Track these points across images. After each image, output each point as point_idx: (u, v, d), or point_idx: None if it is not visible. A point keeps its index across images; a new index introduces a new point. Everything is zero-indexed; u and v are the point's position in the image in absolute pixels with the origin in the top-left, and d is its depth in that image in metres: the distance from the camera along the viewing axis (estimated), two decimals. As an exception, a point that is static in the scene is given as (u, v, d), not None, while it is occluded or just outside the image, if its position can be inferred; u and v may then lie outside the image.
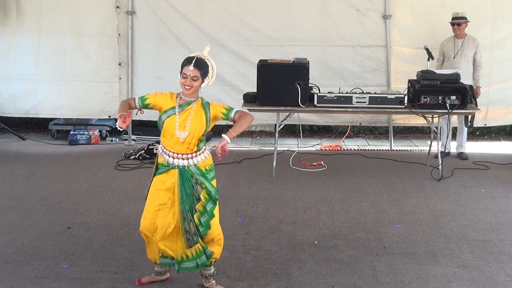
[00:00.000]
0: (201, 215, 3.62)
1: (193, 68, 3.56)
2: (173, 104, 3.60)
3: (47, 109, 7.96)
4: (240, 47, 7.69)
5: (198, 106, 3.64)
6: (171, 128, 3.57)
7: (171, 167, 3.62)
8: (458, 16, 6.87)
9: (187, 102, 3.62)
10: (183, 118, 3.57)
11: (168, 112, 3.59)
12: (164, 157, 3.64)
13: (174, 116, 3.57)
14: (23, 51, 7.83)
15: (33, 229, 4.79)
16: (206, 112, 3.64)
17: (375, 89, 6.77)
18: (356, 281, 3.95)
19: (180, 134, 3.57)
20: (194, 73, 3.56)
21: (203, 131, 3.63)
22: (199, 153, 3.67)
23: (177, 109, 3.59)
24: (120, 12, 7.72)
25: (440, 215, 5.19)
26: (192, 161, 3.63)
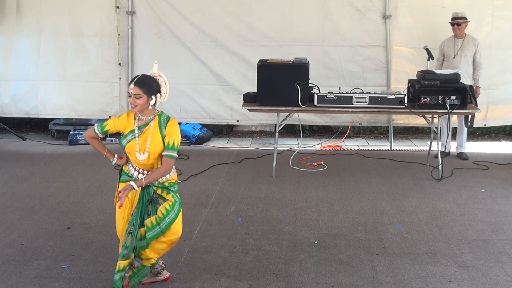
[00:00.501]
0: (148, 231, 3.61)
1: (134, 86, 3.55)
2: (131, 126, 3.62)
3: (48, 109, 7.96)
4: (240, 47, 7.69)
5: (155, 125, 3.62)
6: (133, 151, 3.61)
7: (133, 179, 3.64)
8: (458, 16, 6.88)
9: (145, 123, 3.63)
10: (143, 140, 3.59)
11: (128, 136, 3.62)
12: (130, 169, 3.69)
13: (134, 140, 3.60)
14: (24, 51, 7.84)
15: (33, 229, 4.79)
16: (161, 131, 3.62)
17: (375, 89, 6.77)
18: (356, 281, 3.95)
19: (139, 156, 3.59)
20: (135, 91, 3.54)
21: (161, 150, 3.61)
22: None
23: (136, 132, 3.61)
24: (120, 12, 7.72)
25: (440, 215, 5.20)
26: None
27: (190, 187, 5.94)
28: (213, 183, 6.10)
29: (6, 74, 7.89)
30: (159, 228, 3.62)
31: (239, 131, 8.76)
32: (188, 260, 4.24)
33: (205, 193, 5.75)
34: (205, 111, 7.85)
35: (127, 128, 3.63)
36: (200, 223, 4.97)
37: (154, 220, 3.63)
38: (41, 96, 7.90)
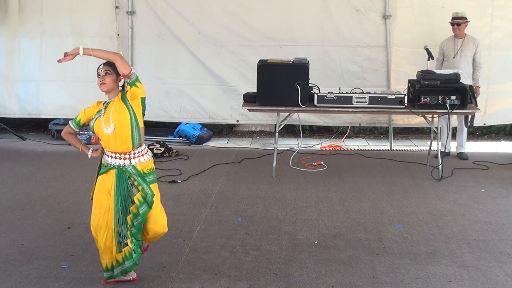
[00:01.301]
0: (134, 218, 3.67)
1: (103, 66, 3.65)
2: (100, 107, 3.70)
3: (50, 109, 7.99)
4: (240, 47, 7.69)
5: (118, 99, 3.68)
6: (100, 129, 3.65)
7: (110, 167, 3.69)
8: (458, 16, 6.88)
9: (110, 101, 3.69)
10: (107, 115, 3.65)
11: (94, 117, 3.69)
12: (104, 157, 3.73)
13: (100, 118, 3.66)
14: (27, 52, 7.85)
15: (33, 229, 4.79)
16: (125, 100, 3.66)
17: (375, 89, 6.75)
18: (356, 281, 3.95)
19: (107, 130, 3.63)
20: (105, 69, 3.63)
21: (128, 121, 3.62)
22: (138, 154, 3.71)
23: (102, 111, 3.67)
24: (120, 12, 7.73)
25: (440, 215, 5.19)
26: (130, 161, 3.68)
27: (190, 187, 5.94)
28: (213, 183, 6.10)
29: (9, 74, 7.91)
30: (140, 218, 3.67)
31: (239, 131, 8.75)
32: (188, 260, 4.24)
33: (205, 193, 5.75)
34: (205, 111, 7.86)
35: (94, 112, 3.72)
36: (200, 223, 4.97)
37: (135, 209, 3.67)
38: (43, 97, 7.92)
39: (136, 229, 3.69)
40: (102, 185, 3.71)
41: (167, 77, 7.84)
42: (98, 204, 3.71)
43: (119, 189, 3.68)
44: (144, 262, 4.17)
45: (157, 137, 7.83)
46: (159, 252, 4.35)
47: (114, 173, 3.68)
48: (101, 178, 3.72)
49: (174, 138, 7.96)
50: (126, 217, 3.69)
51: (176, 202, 5.49)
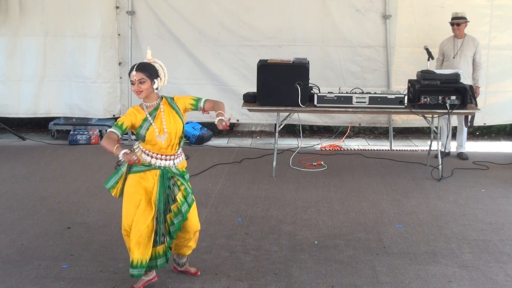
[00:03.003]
0: (175, 216, 3.70)
1: (136, 72, 3.62)
2: (143, 115, 3.67)
3: (53, 109, 7.99)
4: (240, 47, 7.70)
5: (166, 106, 3.72)
6: (153, 137, 3.64)
7: (152, 167, 3.68)
8: (457, 16, 6.88)
9: (154, 108, 3.70)
10: (159, 123, 3.65)
11: (144, 126, 3.65)
12: (145, 157, 3.69)
13: (152, 126, 3.64)
14: (29, 52, 7.84)
15: (33, 229, 4.79)
16: (174, 108, 3.72)
17: (375, 90, 6.76)
18: (356, 281, 3.95)
19: (160, 138, 3.64)
20: (138, 77, 3.61)
21: (181, 127, 3.70)
22: (179, 154, 3.76)
23: (150, 118, 3.66)
24: (120, 12, 7.73)
25: (440, 215, 5.20)
26: (173, 162, 3.71)
27: (190, 187, 5.94)
28: (213, 183, 6.10)
29: (11, 74, 7.90)
30: (181, 216, 3.71)
31: (239, 131, 8.75)
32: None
33: (205, 193, 5.75)
34: (206, 110, 7.86)
35: (139, 119, 3.66)
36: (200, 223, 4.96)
37: (176, 208, 3.71)
38: (46, 97, 7.93)
39: (176, 227, 3.72)
40: (138, 183, 3.68)
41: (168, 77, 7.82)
42: (134, 201, 3.68)
43: (162, 189, 3.69)
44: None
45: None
46: (159, 252, 4.35)
47: (157, 173, 3.68)
48: (137, 176, 3.69)
49: (174, 138, 7.95)
50: (166, 216, 3.72)
51: (176, 202, 5.48)
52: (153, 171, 3.68)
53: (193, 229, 3.83)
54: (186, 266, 4.01)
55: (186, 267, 4.01)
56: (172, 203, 3.72)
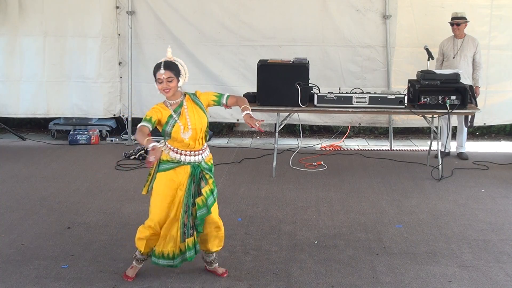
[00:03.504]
0: (199, 209, 3.75)
1: (164, 70, 3.68)
2: (168, 112, 3.70)
3: (54, 109, 7.99)
4: (240, 47, 7.70)
5: (189, 102, 3.76)
6: (178, 134, 3.68)
7: (181, 163, 3.72)
8: (457, 16, 6.88)
9: (178, 105, 3.74)
10: (184, 120, 3.69)
11: (169, 122, 3.69)
12: (173, 155, 3.72)
13: (177, 123, 3.68)
14: (28, 52, 7.84)
15: (33, 229, 4.79)
16: (198, 103, 3.77)
17: (374, 90, 6.77)
18: (356, 281, 3.95)
19: (185, 135, 3.68)
20: (167, 75, 3.68)
21: (206, 122, 3.76)
22: (205, 148, 3.82)
23: (175, 116, 3.69)
24: (120, 12, 7.74)
25: (440, 215, 5.19)
26: (202, 157, 3.77)
27: (190, 187, 5.93)
28: (213, 183, 6.10)
29: (10, 74, 7.90)
30: (205, 209, 3.75)
31: (239, 131, 8.75)
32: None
33: (205, 193, 5.74)
34: (206, 110, 7.87)
35: (164, 116, 3.69)
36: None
37: (200, 201, 3.74)
38: (46, 97, 7.92)
39: (199, 221, 3.76)
40: (169, 180, 3.72)
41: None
42: (164, 198, 3.73)
43: (192, 183, 3.73)
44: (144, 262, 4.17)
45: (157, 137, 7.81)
46: (159, 252, 4.35)
47: (187, 169, 3.72)
48: (167, 174, 3.73)
49: (174, 138, 7.95)
50: (192, 209, 3.76)
51: (176, 202, 5.48)
52: (183, 167, 3.72)
53: (213, 223, 3.84)
54: (215, 266, 4.00)
55: (215, 267, 4.00)
56: (197, 196, 3.76)
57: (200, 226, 3.79)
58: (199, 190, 3.76)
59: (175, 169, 3.73)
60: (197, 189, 3.76)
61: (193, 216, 3.77)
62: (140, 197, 5.62)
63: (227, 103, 3.86)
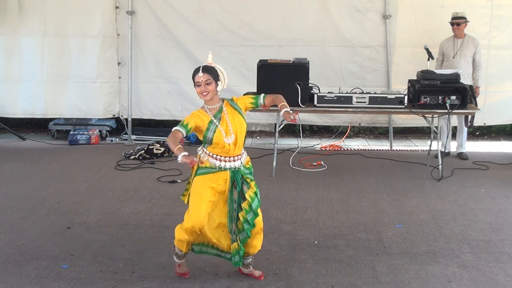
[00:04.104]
0: (247, 213, 3.74)
1: (203, 73, 3.67)
2: (208, 118, 3.69)
3: (53, 109, 7.99)
4: (240, 47, 7.70)
5: (228, 108, 3.76)
6: (220, 139, 3.67)
7: (221, 169, 3.71)
8: (457, 16, 6.88)
9: (218, 110, 3.73)
10: (225, 125, 3.69)
11: (210, 128, 3.67)
12: (212, 162, 3.71)
13: (218, 128, 3.66)
14: (28, 52, 7.85)
15: (33, 229, 4.79)
16: (236, 108, 3.78)
17: (375, 89, 6.77)
18: (356, 281, 3.95)
19: (228, 140, 3.67)
20: (205, 78, 3.66)
21: (245, 127, 3.78)
22: (243, 152, 3.82)
23: (215, 121, 3.68)
24: (120, 12, 7.74)
25: (440, 215, 5.19)
26: (240, 162, 3.77)
27: (190, 187, 5.93)
28: (213, 183, 6.09)
29: (9, 74, 7.90)
30: (253, 213, 3.74)
31: (239, 131, 8.74)
32: (188, 260, 4.23)
33: (205, 193, 5.74)
34: (206, 110, 7.88)
35: (204, 122, 3.67)
36: (200, 223, 4.96)
37: (247, 206, 3.74)
38: (46, 97, 7.92)
39: (250, 224, 3.74)
40: (207, 183, 3.71)
41: (168, 77, 7.86)
42: (201, 198, 3.70)
43: (233, 189, 3.74)
44: (144, 262, 4.18)
45: (157, 137, 7.84)
46: (159, 252, 4.35)
47: (226, 175, 3.72)
48: (205, 178, 3.71)
49: (174, 138, 7.95)
50: (238, 214, 3.75)
51: (176, 202, 5.48)
52: (222, 172, 3.71)
53: (258, 225, 3.83)
54: (251, 268, 3.98)
55: (251, 269, 3.98)
56: (242, 201, 3.76)
57: (249, 230, 3.75)
58: (242, 195, 3.75)
59: (214, 174, 3.72)
60: (240, 194, 3.75)
61: (241, 220, 3.74)
62: (140, 197, 5.63)
63: (265, 103, 3.86)
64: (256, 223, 3.79)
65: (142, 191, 5.82)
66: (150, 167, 6.67)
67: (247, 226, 3.73)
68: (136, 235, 4.68)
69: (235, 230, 3.78)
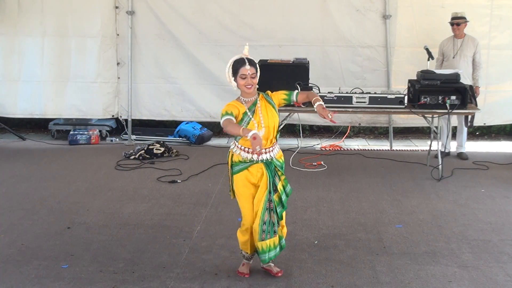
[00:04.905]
0: (277, 205, 3.78)
1: (250, 66, 3.73)
2: (243, 109, 3.72)
3: (53, 110, 7.99)
4: (240, 47, 7.58)
5: (263, 101, 3.80)
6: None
7: (254, 162, 3.74)
8: (457, 16, 6.88)
9: (252, 103, 3.77)
10: (258, 118, 3.73)
11: (244, 119, 3.71)
12: (244, 155, 3.75)
13: (252, 121, 3.70)
14: (27, 52, 7.85)
15: (33, 229, 4.79)
16: (270, 102, 3.82)
17: (375, 89, 6.76)
18: (356, 281, 3.95)
19: (259, 133, 3.65)
20: (252, 71, 3.73)
21: (278, 121, 3.82)
22: (275, 145, 3.85)
23: (249, 114, 3.72)
24: (120, 12, 7.74)
25: (440, 215, 5.19)
26: (273, 154, 3.80)
27: (190, 187, 5.94)
28: (213, 183, 6.10)
29: (8, 74, 7.90)
30: (281, 206, 3.79)
31: (239, 131, 8.74)
32: (188, 260, 4.24)
33: (205, 193, 5.75)
34: (206, 110, 7.90)
35: (240, 112, 3.71)
36: (200, 223, 4.97)
37: (277, 197, 3.78)
38: (46, 97, 7.93)
39: (279, 217, 3.79)
40: (246, 181, 3.77)
41: (168, 77, 7.86)
42: (247, 198, 3.79)
43: (270, 179, 3.76)
44: (144, 262, 4.18)
45: (157, 137, 7.84)
46: (159, 252, 4.35)
47: (261, 166, 3.76)
48: (243, 174, 3.77)
49: (174, 138, 7.96)
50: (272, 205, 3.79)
51: (176, 202, 5.49)
52: (257, 165, 3.75)
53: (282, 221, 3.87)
54: (270, 263, 4.00)
55: (270, 265, 4.00)
56: (274, 193, 3.78)
57: (279, 219, 3.80)
58: (274, 186, 3.79)
59: (248, 169, 3.76)
60: (272, 185, 3.78)
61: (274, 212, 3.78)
62: (140, 197, 5.63)
63: (297, 99, 3.89)
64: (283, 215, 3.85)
65: (142, 191, 5.82)
66: (150, 167, 6.67)
67: (276, 218, 3.79)
68: (136, 235, 4.68)
69: (274, 222, 3.79)
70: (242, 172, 3.78)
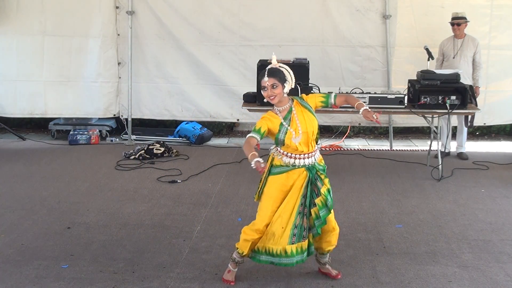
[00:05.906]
0: (320, 209, 3.73)
1: (268, 77, 3.68)
2: (278, 120, 3.70)
3: (53, 109, 7.99)
4: (240, 47, 7.70)
5: (298, 107, 3.77)
6: (290, 140, 3.68)
7: (296, 167, 3.72)
8: (457, 16, 6.88)
9: (288, 111, 3.74)
10: (294, 125, 3.70)
11: (281, 130, 3.69)
12: (287, 160, 3.72)
13: (289, 130, 3.68)
14: (27, 52, 7.84)
15: (33, 229, 4.79)
16: (307, 107, 3.78)
17: (375, 89, 6.76)
18: (356, 281, 3.95)
19: (295, 140, 3.68)
20: (271, 82, 3.67)
21: (316, 125, 3.77)
22: (316, 149, 3.82)
23: (285, 123, 3.69)
24: (120, 12, 7.74)
25: (440, 215, 5.19)
26: (314, 158, 3.77)
27: (190, 187, 5.94)
28: (213, 183, 6.10)
29: (8, 74, 7.90)
30: (326, 210, 3.74)
31: (239, 131, 8.75)
32: (188, 260, 4.24)
33: (205, 193, 5.75)
34: (206, 110, 7.90)
35: (275, 124, 3.69)
36: (200, 223, 4.97)
37: (320, 202, 3.73)
38: (46, 97, 7.92)
39: (322, 221, 3.74)
40: (281, 184, 3.73)
41: (168, 77, 7.86)
42: (275, 201, 3.74)
43: (308, 185, 3.73)
44: (144, 262, 4.18)
45: (157, 137, 7.84)
46: (159, 252, 4.36)
47: (301, 171, 3.73)
48: (280, 177, 3.74)
49: (174, 138, 7.97)
50: (311, 210, 3.74)
51: (176, 202, 5.49)
52: (297, 170, 3.73)
53: (330, 223, 3.82)
54: (327, 267, 3.99)
55: (327, 268, 3.99)
56: (316, 197, 3.75)
57: (320, 227, 3.75)
58: (316, 190, 3.75)
59: (288, 173, 3.73)
60: (314, 190, 3.75)
61: (312, 217, 3.73)
62: (140, 197, 5.63)
63: (336, 102, 3.88)
64: (328, 220, 3.78)
65: (142, 191, 5.82)
66: (150, 167, 6.67)
67: (318, 223, 3.74)
68: (136, 235, 4.68)
69: (306, 227, 3.75)
70: (281, 175, 3.74)
